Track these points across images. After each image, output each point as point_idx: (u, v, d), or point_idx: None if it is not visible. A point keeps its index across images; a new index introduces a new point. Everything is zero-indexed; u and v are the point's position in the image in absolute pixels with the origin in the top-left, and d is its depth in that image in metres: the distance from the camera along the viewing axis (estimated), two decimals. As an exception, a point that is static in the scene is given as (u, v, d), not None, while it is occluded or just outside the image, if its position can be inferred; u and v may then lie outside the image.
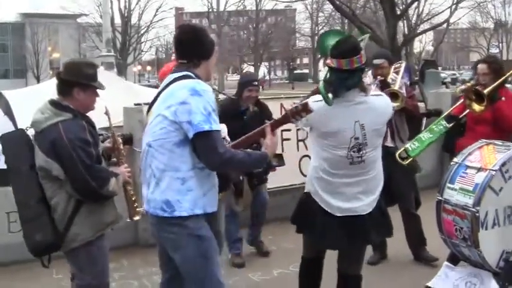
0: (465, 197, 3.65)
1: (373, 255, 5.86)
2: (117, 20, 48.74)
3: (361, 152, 3.59)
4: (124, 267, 5.80)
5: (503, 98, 5.12)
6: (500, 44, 64.24)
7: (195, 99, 3.14)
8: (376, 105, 3.64)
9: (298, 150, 7.29)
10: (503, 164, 3.61)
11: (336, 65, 3.53)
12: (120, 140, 4.09)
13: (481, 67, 5.26)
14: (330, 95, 3.53)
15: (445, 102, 8.28)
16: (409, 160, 5.34)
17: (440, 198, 3.83)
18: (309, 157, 5.07)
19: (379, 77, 5.48)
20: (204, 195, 3.27)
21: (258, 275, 5.54)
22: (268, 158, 3.34)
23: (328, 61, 3.60)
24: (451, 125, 5.35)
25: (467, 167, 3.78)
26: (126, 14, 50.56)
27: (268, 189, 6.83)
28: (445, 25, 35.73)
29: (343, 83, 3.54)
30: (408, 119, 5.67)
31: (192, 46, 3.35)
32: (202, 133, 3.11)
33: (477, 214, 3.55)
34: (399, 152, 5.39)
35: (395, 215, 5.67)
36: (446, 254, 4.37)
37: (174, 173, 3.20)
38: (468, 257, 3.80)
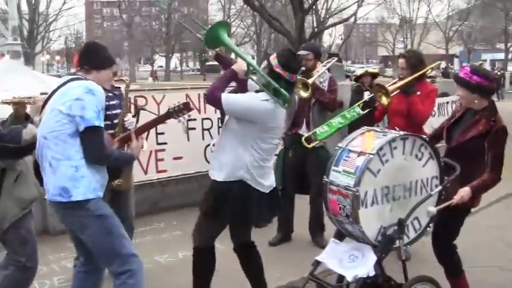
0: (347, 178, 3.94)
1: (275, 236, 6.25)
2: (24, 7, 46.70)
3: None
4: (32, 253, 5.89)
5: (418, 93, 5.29)
6: (405, 40, 66.65)
7: (88, 97, 3.49)
8: None
9: (203, 139, 7.63)
10: (381, 149, 3.91)
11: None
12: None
13: (400, 61, 5.47)
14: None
15: (344, 94, 8.81)
16: (315, 143, 5.60)
17: (326, 180, 4.10)
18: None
19: (303, 67, 5.92)
20: (96, 182, 3.59)
21: (165, 257, 5.84)
22: (134, 158, 3.95)
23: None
24: (364, 112, 5.63)
25: (350, 151, 4.07)
26: (33, 1, 48.41)
27: (175, 176, 7.14)
28: (352, 19, 36.66)
29: None
30: None
31: (85, 55, 3.82)
32: (92, 128, 3.47)
33: (357, 193, 3.84)
34: (307, 135, 5.66)
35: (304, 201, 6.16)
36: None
37: (68, 161, 3.49)
38: (351, 232, 4.13)
